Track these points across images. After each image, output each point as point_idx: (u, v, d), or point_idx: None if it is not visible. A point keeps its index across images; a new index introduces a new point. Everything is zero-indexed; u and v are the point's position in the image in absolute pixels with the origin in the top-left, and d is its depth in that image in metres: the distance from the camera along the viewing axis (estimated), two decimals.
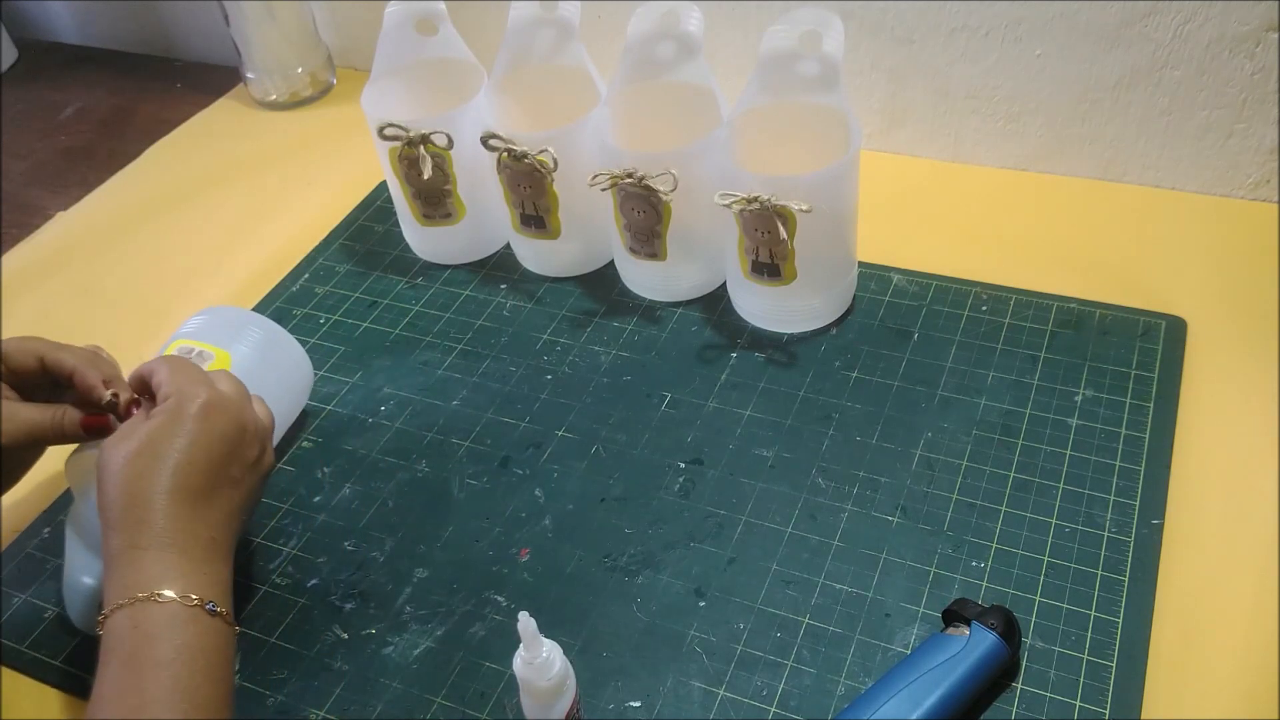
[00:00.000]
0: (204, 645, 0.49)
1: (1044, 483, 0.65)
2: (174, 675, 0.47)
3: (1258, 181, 0.82)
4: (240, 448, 0.55)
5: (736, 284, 0.78)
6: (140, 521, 0.50)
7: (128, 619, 0.48)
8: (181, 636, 0.48)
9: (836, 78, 0.69)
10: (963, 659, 0.54)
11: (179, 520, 0.51)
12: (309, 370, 0.73)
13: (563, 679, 0.50)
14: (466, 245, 0.87)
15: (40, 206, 1.01)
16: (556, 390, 0.75)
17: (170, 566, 0.50)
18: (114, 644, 0.48)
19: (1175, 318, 0.74)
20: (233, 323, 0.70)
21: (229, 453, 0.54)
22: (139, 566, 0.49)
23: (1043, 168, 0.89)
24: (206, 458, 0.53)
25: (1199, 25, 0.77)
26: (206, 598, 0.50)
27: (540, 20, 0.78)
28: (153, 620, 0.48)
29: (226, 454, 0.54)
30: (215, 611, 0.50)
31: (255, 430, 0.56)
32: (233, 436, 0.54)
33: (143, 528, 0.50)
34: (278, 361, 0.70)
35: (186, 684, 0.47)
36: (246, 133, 1.08)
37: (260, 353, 0.68)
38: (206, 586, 0.50)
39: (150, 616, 0.48)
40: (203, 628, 0.49)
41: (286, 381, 0.71)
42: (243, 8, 1.04)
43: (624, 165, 0.72)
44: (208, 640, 0.49)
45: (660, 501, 0.67)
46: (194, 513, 0.52)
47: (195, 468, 0.52)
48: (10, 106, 1.17)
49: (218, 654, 0.49)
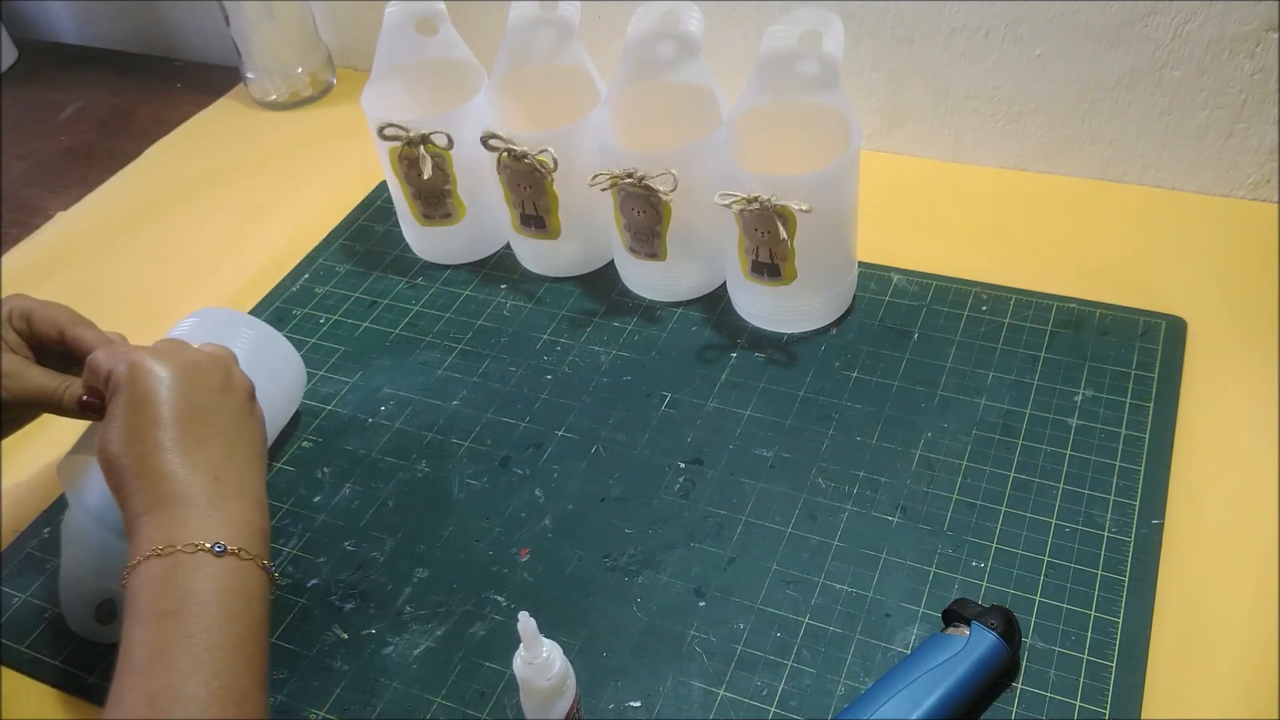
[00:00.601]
0: (213, 588, 0.48)
1: (1044, 483, 0.65)
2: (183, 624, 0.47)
3: (1258, 181, 0.82)
4: (196, 382, 0.53)
5: (736, 284, 0.78)
6: (135, 492, 0.50)
7: (133, 582, 0.48)
8: (186, 585, 0.48)
9: (836, 78, 0.69)
10: (963, 659, 0.54)
11: (164, 476, 0.50)
12: (301, 370, 0.73)
13: (563, 679, 0.50)
14: (466, 245, 0.87)
15: (40, 206, 1.01)
16: (556, 390, 0.75)
17: (174, 521, 0.49)
18: (127, 607, 0.48)
19: (1175, 318, 0.74)
20: (224, 324, 0.70)
21: (186, 393, 0.52)
22: (144, 532, 0.50)
23: (1043, 168, 0.89)
24: (165, 410, 0.52)
25: (1199, 25, 0.77)
26: (212, 541, 0.49)
27: (540, 20, 0.78)
28: (153, 575, 0.48)
29: (184, 395, 0.52)
30: (223, 551, 0.49)
31: (208, 361, 0.55)
32: (178, 375, 0.53)
33: (139, 497, 0.50)
34: (270, 361, 0.70)
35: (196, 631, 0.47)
36: (246, 133, 1.08)
37: (252, 353, 0.68)
38: (214, 529, 0.50)
39: (149, 573, 0.48)
40: (210, 571, 0.48)
41: (280, 381, 0.71)
42: (243, 8, 1.04)
43: (624, 165, 0.72)
44: (216, 582, 0.48)
45: (660, 501, 0.67)
46: (180, 461, 0.51)
47: (159, 423, 0.51)
48: (10, 106, 1.17)
49: (230, 594, 0.48)
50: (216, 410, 0.53)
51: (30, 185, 1.05)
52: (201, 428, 0.52)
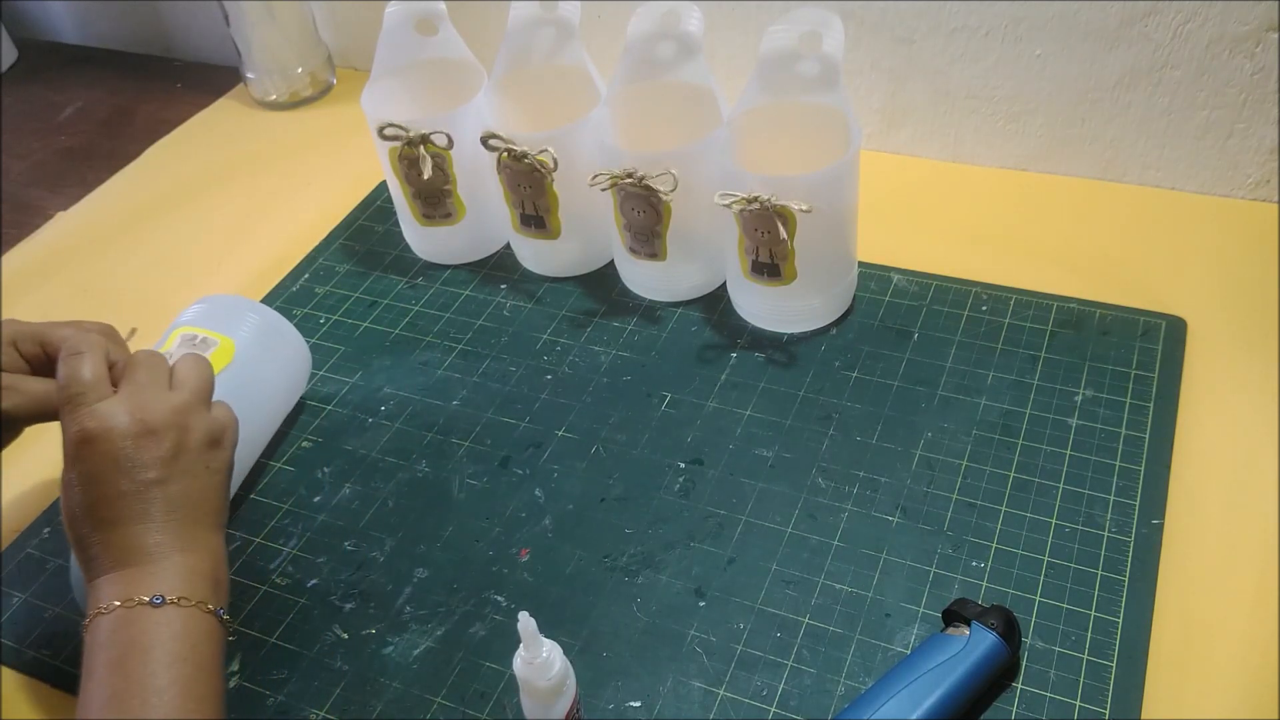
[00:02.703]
0: (156, 636, 0.50)
1: (1044, 483, 0.65)
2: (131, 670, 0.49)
3: (1258, 181, 0.82)
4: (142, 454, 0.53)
5: (736, 284, 0.78)
6: (91, 559, 0.52)
7: (87, 640, 0.51)
8: (129, 635, 0.50)
9: (836, 78, 0.69)
10: (963, 659, 0.54)
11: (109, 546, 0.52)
12: (307, 355, 0.74)
13: (563, 679, 0.50)
14: (466, 245, 0.87)
15: (40, 206, 1.01)
16: (556, 390, 0.75)
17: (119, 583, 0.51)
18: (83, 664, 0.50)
19: (1175, 318, 0.74)
20: (231, 309, 0.70)
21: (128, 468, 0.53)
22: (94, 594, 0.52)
23: (1043, 168, 0.89)
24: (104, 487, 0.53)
25: (1199, 25, 0.77)
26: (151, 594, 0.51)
27: (540, 20, 0.78)
28: (102, 631, 0.50)
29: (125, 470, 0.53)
30: (161, 603, 0.51)
31: (161, 422, 0.54)
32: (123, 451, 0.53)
33: (94, 563, 0.52)
34: (276, 347, 0.71)
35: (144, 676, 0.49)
36: (246, 133, 1.08)
37: (259, 339, 0.69)
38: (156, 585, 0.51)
39: (99, 630, 0.50)
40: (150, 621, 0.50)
41: (287, 369, 0.72)
42: (243, 8, 1.04)
43: (624, 165, 0.72)
44: (159, 631, 0.50)
45: (660, 501, 0.67)
46: (122, 533, 0.52)
47: (99, 500, 0.52)
48: (10, 106, 1.17)
49: (173, 640, 0.50)
50: (165, 476, 0.54)
51: (30, 185, 1.04)
52: (147, 494, 0.53)
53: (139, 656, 0.49)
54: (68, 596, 0.65)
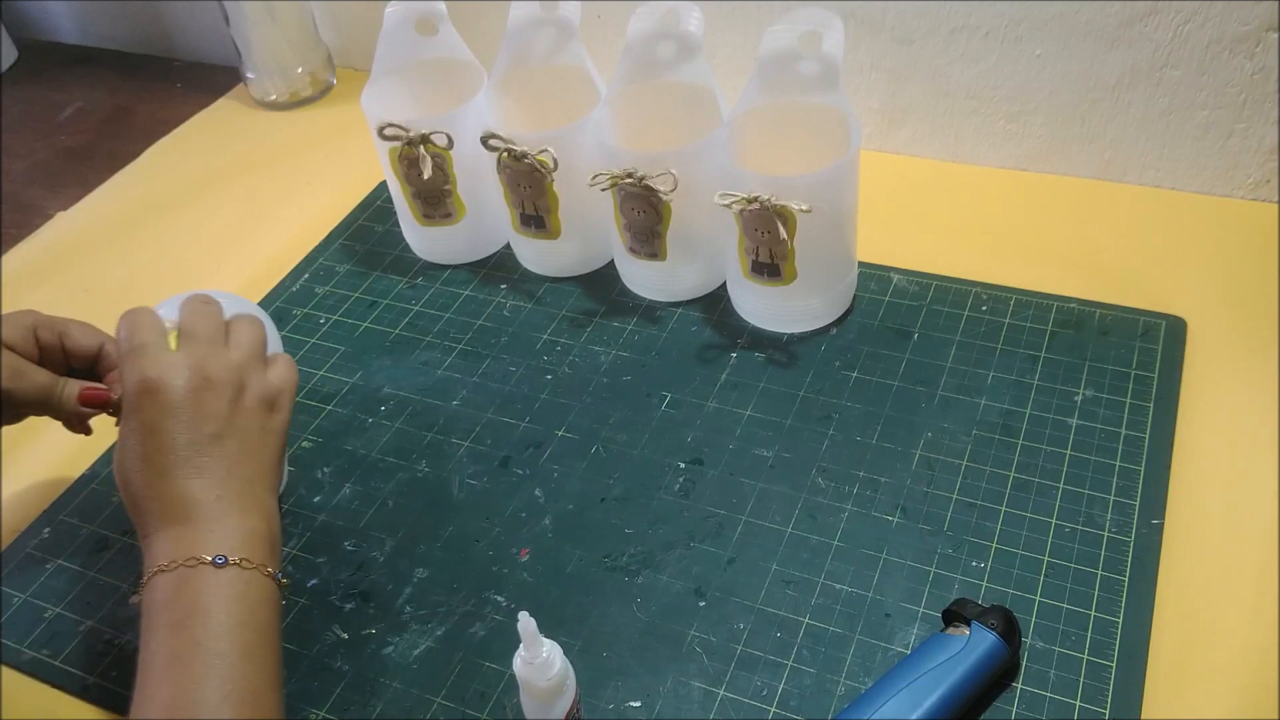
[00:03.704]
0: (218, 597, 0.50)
1: (1044, 483, 0.65)
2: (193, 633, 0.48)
3: (1258, 181, 0.82)
4: (204, 405, 0.53)
5: (736, 284, 0.78)
6: (146, 513, 0.52)
7: (146, 597, 0.50)
8: (192, 596, 0.49)
9: (836, 78, 0.69)
10: (963, 659, 0.54)
11: (169, 499, 0.52)
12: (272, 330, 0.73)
13: (563, 679, 0.50)
14: (466, 245, 0.87)
15: (40, 206, 1.01)
16: (556, 390, 0.75)
17: (178, 539, 0.51)
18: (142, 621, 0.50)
19: (1175, 318, 0.74)
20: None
21: (189, 419, 0.53)
22: (154, 549, 0.51)
23: (1043, 168, 0.89)
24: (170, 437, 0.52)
25: (1199, 25, 0.77)
26: (214, 554, 0.50)
27: (540, 20, 0.78)
28: (162, 589, 0.50)
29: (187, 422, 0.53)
30: (224, 563, 0.50)
31: (221, 377, 0.55)
32: (185, 403, 0.53)
33: (149, 517, 0.52)
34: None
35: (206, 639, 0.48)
36: (246, 133, 1.08)
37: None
38: (216, 544, 0.51)
39: (159, 588, 0.50)
40: (214, 582, 0.50)
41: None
42: (243, 8, 1.04)
43: (624, 165, 0.72)
44: (221, 592, 0.50)
45: (660, 501, 0.67)
46: (183, 485, 0.52)
47: (159, 449, 0.52)
48: (10, 106, 1.17)
49: (235, 602, 0.50)
50: (223, 431, 0.54)
51: (30, 185, 1.04)
52: (204, 453, 0.53)
53: (201, 618, 0.49)
54: (68, 597, 0.65)
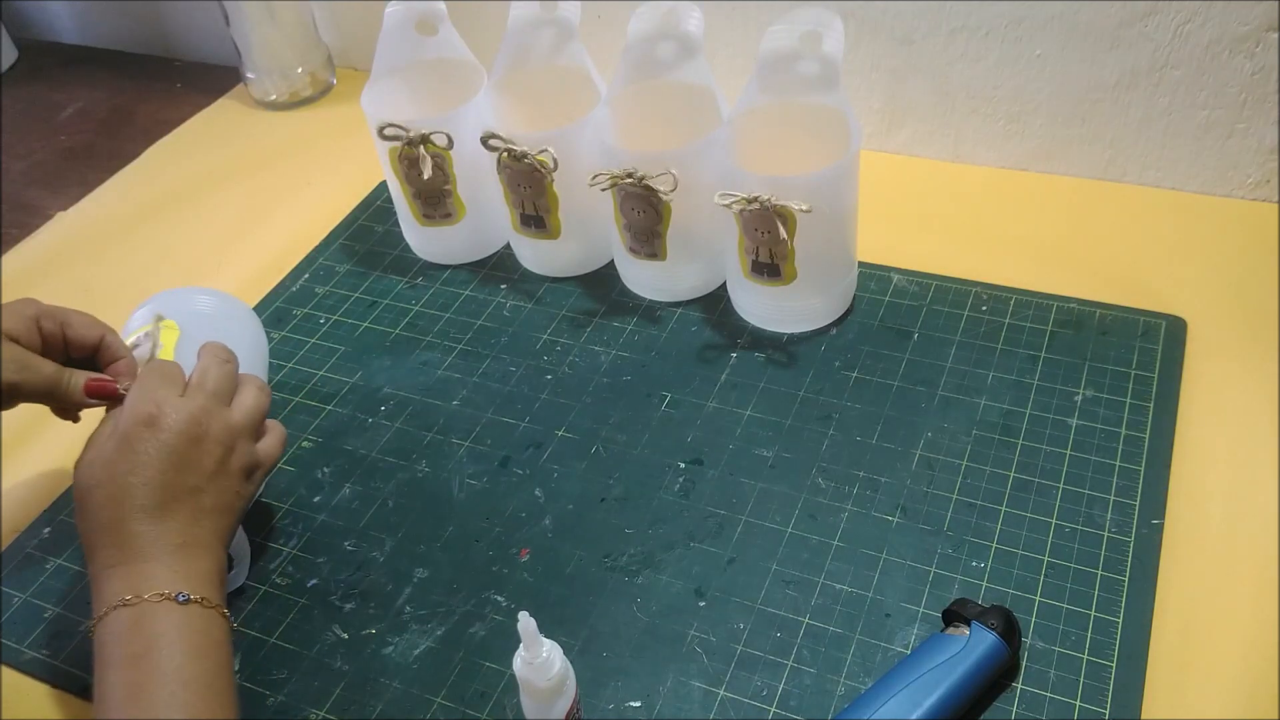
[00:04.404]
0: (180, 631, 0.51)
1: (1044, 483, 0.65)
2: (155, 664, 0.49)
3: (1258, 181, 0.82)
4: (195, 457, 0.55)
5: (736, 284, 0.78)
6: (105, 545, 0.53)
7: (101, 632, 0.51)
8: (153, 628, 0.50)
9: (836, 78, 0.69)
10: (963, 659, 0.54)
11: (135, 536, 0.53)
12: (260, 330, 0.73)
13: (563, 679, 0.50)
14: (466, 245, 0.87)
15: (40, 206, 1.01)
16: (556, 390, 0.75)
17: (139, 576, 0.52)
18: (96, 656, 0.51)
19: (1175, 318, 0.74)
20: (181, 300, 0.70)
21: (176, 466, 0.54)
22: (111, 585, 0.52)
23: (1043, 168, 0.89)
24: (151, 474, 0.54)
25: (1199, 25, 0.77)
26: (176, 591, 0.51)
27: (540, 20, 0.78)
28: (121, 624, 0.50)
29: (175, 466, 0.54)
30: (186, 600, 0.51)
31: (218, 436, 0.56)
32: (179, 448, 0.55)
33: (108, 550, 0.53)
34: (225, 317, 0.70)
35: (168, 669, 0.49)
36: (246, 133, 1.08)
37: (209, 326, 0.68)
38: (178, 583, 0.52)
39: (117, 622, 0.50)
40: (175, 617, 0.51)
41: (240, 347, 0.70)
42: (243, 8, 1.04)
43: (624, 165, 0.72)
44: (182, 626, 0.51)
45: (660, 501, 0.67)
46: (153, 525, 0.53)
47: (142, 486, 0.53)
48: (10, 106, 1.17)
49: (196, 635, 0.51)
50: (203, 486, 0.55)
51: (30, 185, 1.04)
52: (180, 500, 0.54)
53: (162, 650, 0.50)
54: (68, 597, 0.66)
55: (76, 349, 0.63)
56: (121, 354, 0.63)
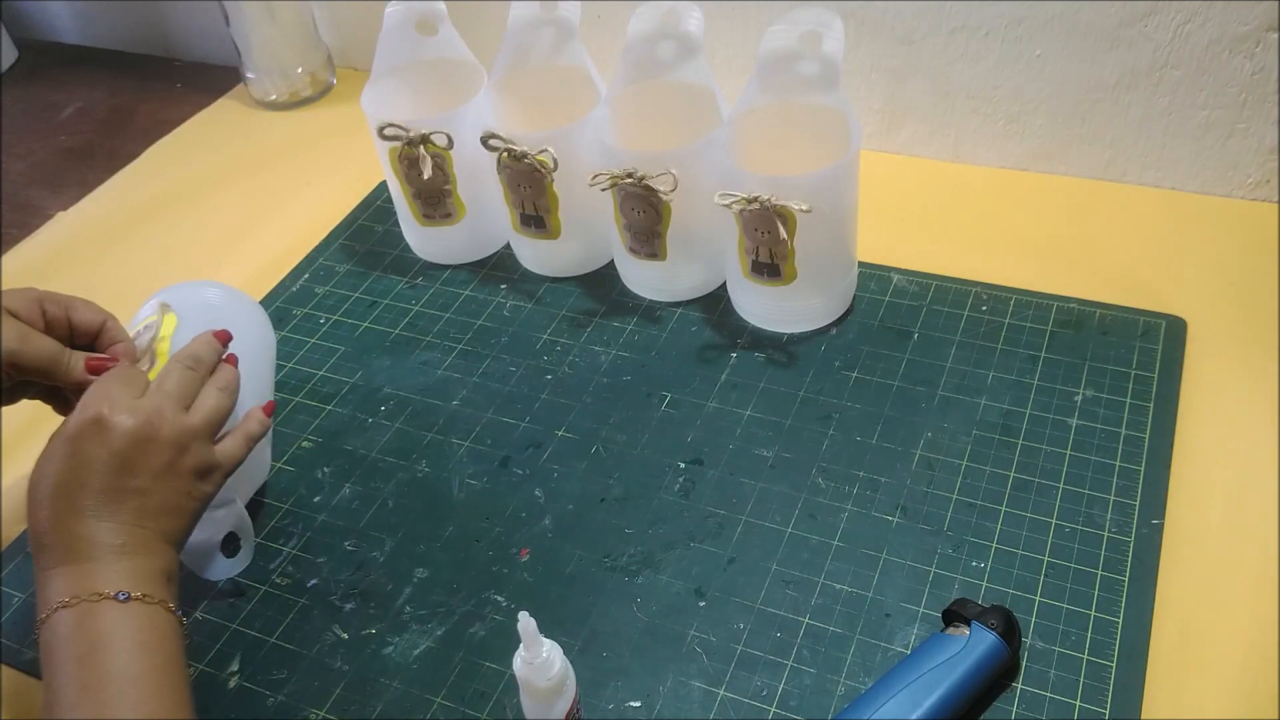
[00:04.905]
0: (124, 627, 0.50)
1: (1044, 483, 0.65)
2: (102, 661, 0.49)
3: (1258, 181, 0.82)
4: (139, 458, 0.54)
5: (736, 284, 0.78)
6: (48, 546, 0.53)
7: (45, 634, 0.51)
8: (97, 627, 0.50)
9: (836, 78, 0.69)
10: (963, 659, 0.54)
11: (76, 537, 0.52)
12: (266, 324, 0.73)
13: (563, 679, 0.50)
14: (466, 245, 0.87)
15: (40, 206, 1.01)
16: (556, 390, 0.75)
17: (80, 576, 0.51)
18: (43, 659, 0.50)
19: (1175, 318, 0.74)
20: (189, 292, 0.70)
21: (119, 468, 0.54)
22: (51, 585, 0.52)
23: (1043, 168, 0.89)
24: (96, 479, 0.53)
25: (1199, 25, 0.77)
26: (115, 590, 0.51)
27: (540, 20, 0.78)
28: (64, 625, 0.50)
29: (117, 467, 0.54)
30: (126, 598, 0.51)
31: (166, 436, 0.56)
32: (123, 449, 0.54)
33: (50, 551, 0.52)
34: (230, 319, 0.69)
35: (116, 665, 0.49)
36: (246, 133, 1.08)
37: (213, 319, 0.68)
38: (119, 582, 0.52)
39: (60, 624, 0.50)
40: (117, 614, 0.51)
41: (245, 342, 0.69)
42: (243, 8, 1.04)
43: (624, 165, 0.72)
44: (126, 623, 0.51)
45: (660, 501, 0.67)
46: (94, 525, 0.53)
47: (83, 486, 0.53)
48: (10, 106, 1.17)
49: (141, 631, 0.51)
50: (148, 487, 0.55)
51: (30, 185, 1.04)
52: (122, 500, 0.54)
53: (107, 648, 0.49)
54: None
55: (80, 334, 0.63)
56: (122, 339, 0.62)
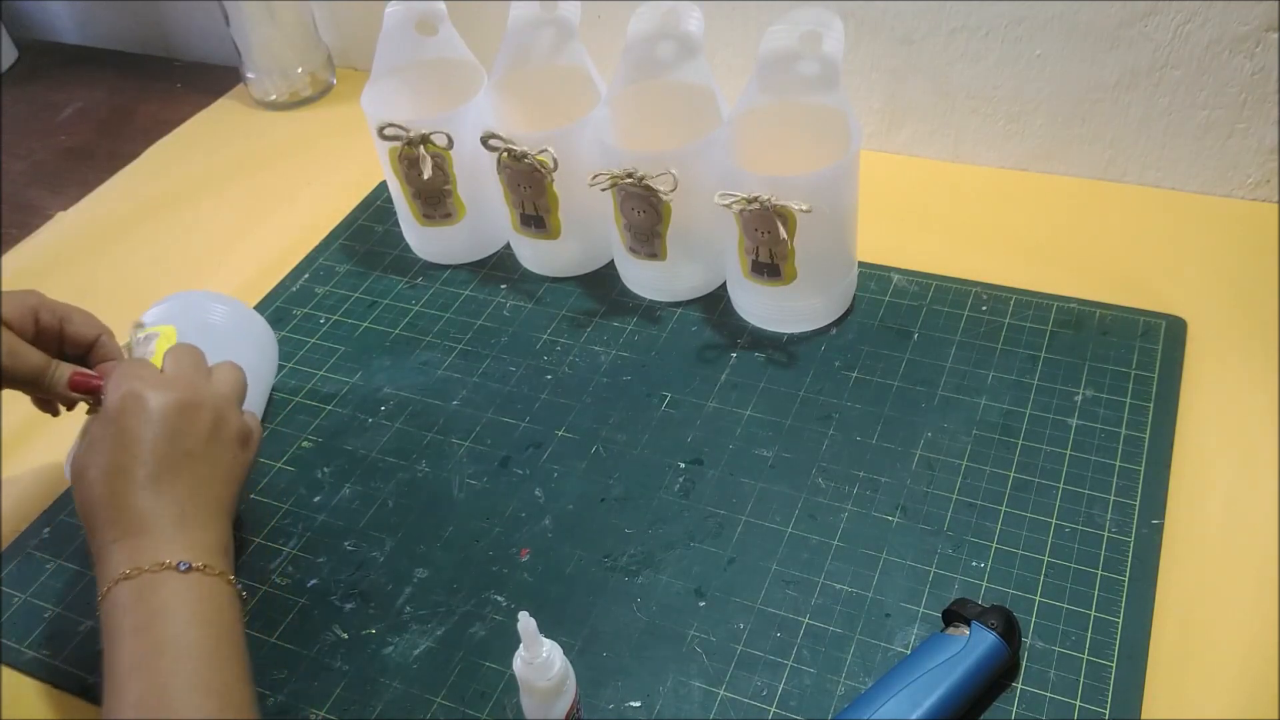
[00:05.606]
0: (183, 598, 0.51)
1: (1044, 483, 0.65)
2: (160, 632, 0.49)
3: (1258, 181, 0.82)
4: (183, 426, 0.55)
5: (736, 284, 0.78)
6: (105, 522, 0.53)
7: (106, 607, 0.51)
8: (157, 599, 0.50)
9: (836, 78, 0.69)
10: (963, 659, 0.54)
11: (135, 510, 0.53)
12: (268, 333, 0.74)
13: (563, 679, 0.50)
14: (466, 245, 0.87)
15: (40, 206, 1.01)
16: (556, 390, 0.75)
17: (139, 550, 0.52)
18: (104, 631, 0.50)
19: (1175, 318, 0.74)
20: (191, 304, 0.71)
21: (170, 433, 0.54)
22: (114, 559, 0.52)
23: (1043, 168, 0.89)
24: (146, 449, 0.54)
25: (1199, 25, 0.77)
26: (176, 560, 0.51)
27: (540, 20, 0.78)
28: (124, 597, 0.50)
29: (167, 435, 0.54)
30: (187, 569, 0.51)
31: (206, 402, 0.56)
32: (169, 416, 0.55)
33: (109, 526, 0.53)
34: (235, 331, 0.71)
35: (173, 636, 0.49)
36: (246, 133, 1.08)
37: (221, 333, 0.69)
38: (179, 553, 0.52)
39: (121, 596, 0.50)
40: (177, 585, 0.51)
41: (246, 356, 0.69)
42: (243, 8, 1.04)
43: (624, 165, 0.72)
44: (186, 594, 0.51)
45: (660, 501, 0.67)
46: (152, 497, 0.53)
47: (138, 461, 0.53)
48: (10, 106, 1.17)
49: (200, 602, 0.51)
50: (197, 455, 0.55)
51: (30, 185, 1.04)
52: (177, 469, 0.54)
53: (166, 619, 0.50)
54: (68, 597, 0.66)
55: (72, 345, 0.63)
56: (114, 356, 0.63)
